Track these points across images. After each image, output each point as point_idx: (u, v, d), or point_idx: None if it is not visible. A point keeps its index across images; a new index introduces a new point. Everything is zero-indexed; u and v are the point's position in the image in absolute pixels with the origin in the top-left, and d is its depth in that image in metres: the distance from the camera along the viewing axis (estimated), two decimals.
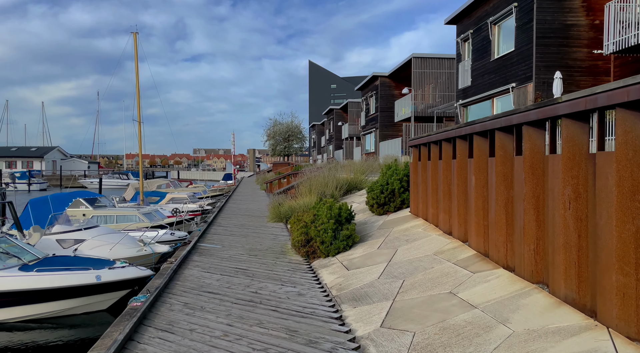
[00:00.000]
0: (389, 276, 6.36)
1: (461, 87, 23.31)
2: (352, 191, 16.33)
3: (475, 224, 6.26)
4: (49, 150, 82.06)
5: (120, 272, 9.49)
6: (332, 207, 8.77)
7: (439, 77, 32.04)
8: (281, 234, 12.02)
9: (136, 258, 11.36)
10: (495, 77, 19.91)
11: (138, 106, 21.35)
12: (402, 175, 10.60)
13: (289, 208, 14.61)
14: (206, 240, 11.13)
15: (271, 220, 14.77)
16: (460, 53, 23.60)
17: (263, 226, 13.80)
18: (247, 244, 10.56)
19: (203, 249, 9.99)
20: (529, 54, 17.36)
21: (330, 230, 8.48)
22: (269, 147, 60.49)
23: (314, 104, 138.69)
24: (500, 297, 4.61)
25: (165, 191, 31.28)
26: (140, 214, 16.75)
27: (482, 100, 21.12)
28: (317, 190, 14.81)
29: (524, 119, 4.83)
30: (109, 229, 12.67)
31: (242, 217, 16.43)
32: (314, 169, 18.72)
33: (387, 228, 9.20)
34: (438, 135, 7.98)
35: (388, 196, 10.46)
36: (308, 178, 16.52)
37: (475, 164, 6.27)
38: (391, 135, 37.15)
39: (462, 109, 23.37)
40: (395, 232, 8.69)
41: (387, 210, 10.56)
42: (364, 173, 17.19)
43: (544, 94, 17.08)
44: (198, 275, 7.52)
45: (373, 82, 39.37)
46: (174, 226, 15.94)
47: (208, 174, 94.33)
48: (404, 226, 8.88)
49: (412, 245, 7.48)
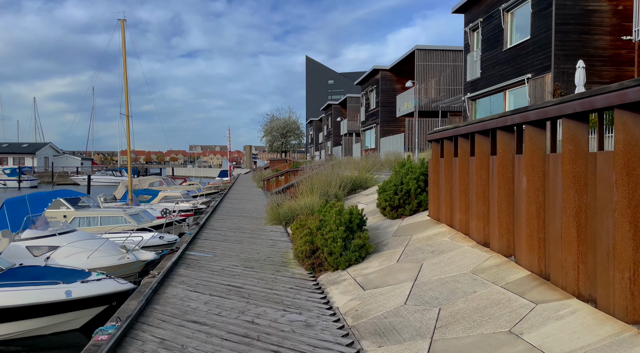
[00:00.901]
0: (418, 301, 5.09)
1: (469, 80, 22.04)
2: (356, 190, 15.06)
3: (527, 236, 4.99)
4: (41, 147, 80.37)
5: (94, 286, 8.19)
6: (341, 211, 7.48)
7: (443, 70, 30.76)
8: (281, 240, 10.73)
9: (117, 267, 10.06)
10: (508, 68, 18.65)
11: (126, 99, 19.96)
12: (418, 174, 9.33)
13: (289, 210, 13.33)
14: (196, 248, 9.82)
15: (269, 222, 13.48)
16: (469, 43, 22.32)
17: (260, 229, 12.50)
18: (242, 252, 9.26)
19: (192, 259, 8.69)
20: (546, 42, 16.09)
21: (340, 239, 7.20)
22: (265, 144, 59.12)
23: (311, 100, 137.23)
24: (590, 346, 3.34)
25: (157, 189, 29.93)
26: (126, 215, 15.42)
27: (493, 93, 19.85)
28: (320, 190, 13.53)
29: (618, 101, 3.55)
30: (88, 234, 11.35)
31: (238, 218, 15.12)
32: (314, 166, 17.42)
33: (404, 236, 7.93)
34: (469, 127, 6.70)
35: (403, 198, 9.19)
36: (309, 176, 15.23)
37: (528, 161, 4.99)
38: (392, 131, 35.88)
39: (471, 103, 22.12)
40: (415, 240, 7.42)
41: (402, 213, 9.29)
42: (369, 170, 15.91)
43: (564, 85, 15.84)
44: (183, 296, 6.22)
45: (373, 75, 38.05)
46: (164, 228, 14.62)
47: (204, 170, 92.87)
48: (425, 233, 7.60)
49: (440, 258, 6.21)
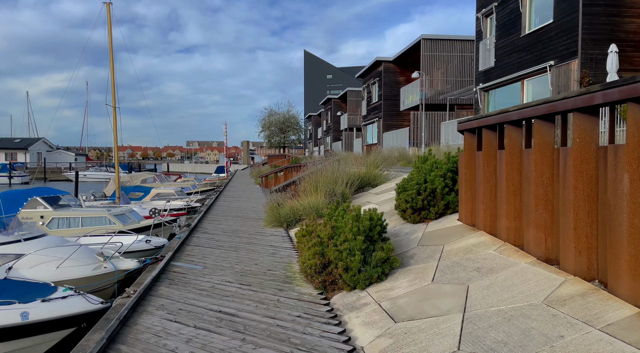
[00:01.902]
0: (478, 347, 3.68)
1: (482, 69, 20.60)
2: (364, 188, 13.65)
3: (632, 257, 3.59)
4: (34, 142, 78.66)
5: (58, 305, 6.77)
6: (359, 217, 6.07)
7: (450, 60, 29.30)
8: (282, 246, 9.31)
9: (91, 279, 8.63)
10: (527, 55, 17.22)
11: (112, 90, 18.47)
12: (445, 171, 7.92)
13: (291, 210, 11.92)
14: (184, 257, 8.40)
15: (269, 224, 12.06)
16: (482, 30, 20.87)
17: (259, 233, 11.09)
18: (238, 263, 7.84)
19: (177, 272, 7.27)
20: (572, 26, 14.67)
21: (359, 251, 5.79)
22: (264, 139, 57.61)
23: (310, 95, 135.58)
24: None
25: (150, 186, 28.47)
26: (111, 216, 13.98)
27: (509, 82, 18.44)
28: (325, 188, 12.11)
29: None
30: (60, 240, 9.91)
31: (234, 219, 13.70)
32: (317, 162, 16.00)
33: (433, 245, 6.53)
34: (524, 110, 5.28)
35: (427, 198, 7.78)
36: (312, 173, 13.81)
37: (633, 152, 3.59)
38: (396, 126, 34.44)
39: (483, 94, 20.70)
40: (450, 252, 6.02)
41: (426, 216, 7.88)
42: (377, 166, 14.49)
43: (592, 72, 14.43)
44: (159, 329, 4.80)
45: (376, 68, 36.55)
46: (151, 230, 13.19)
47: (200, 166, 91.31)
48: (461, 243, 6.20)
49: (491, 279, 4.81)
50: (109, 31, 18.06)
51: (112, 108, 18.42)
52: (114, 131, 18.87)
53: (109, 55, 18.15)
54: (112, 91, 18.34)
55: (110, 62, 18.22)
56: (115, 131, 18.82)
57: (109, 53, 18.16)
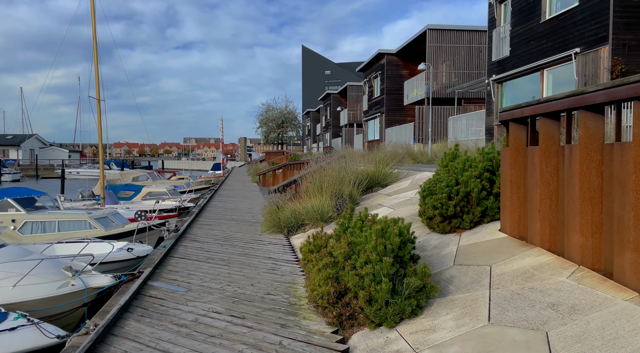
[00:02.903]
0: None
1: (495, 59, 19.20)
2: (373, 188, 12.27)
3: None
4: (26, 138, 77.01)
5: (3, 341, 5.36)
6: (386, 232, 4.68)
7: (457, 52, 27.88)
8: (283, 258, 7.91)
9: (55, 300, 7.22)
10: (547, 43, 15.83)
11: (97, 81, 16.93)
12: (480, 170, 6.53)
13: (292, 214, 10.53)
14: (165, 273, 7.00)
15: (267, 229, 10.67)
16: (495, 17, 19.45)
17: (256, 240, 9.69)
18: (230, 283, 6.44)
19: (154, 296, 5.88)
20: (602, 9, 13.27)
21: (386, 277, 4.40)
22: (261, 135, 56.15)
23: (308, 91, 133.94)
24: None
25: (141, 184, 27.01)
26: (91, 219, 12.55)
27: (526, 73, 17.05)
28: (331, 188, 10.72)
29: None
30: (22, 250, 8.47)
31: (228, 223, 12.30)
32: (320, 159, 14.59)
33: (475, 265, 5.14)
34: (616, 89, 3.88)
35: (460, 203, 6.39)
36: (314, 171, 12.40)
37: None
38: (399, 121, 33.04)
39: (497, 86, 19.30)
40: (503, 277, 4.63)
41: (458, 225, 6.50)
42: (387, 164, 13.09)
43: (624, 59, 13.06)
44: None
45: (378, 61, 35.09)
46: (134, 236, 11.76)
47: (197, 163, 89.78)
48: (514, 264, 4.81)
49: (581, 325, 3.42)
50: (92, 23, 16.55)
51: (97, 101, 16.99)
52: (99, 125, 17.39)
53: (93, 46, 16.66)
54: (96, 83, 16.86)
55: (94, 50, 16.69)
56: (99, 125, 17.35)
57: (93, 43, 16.64)
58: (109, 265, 9.75)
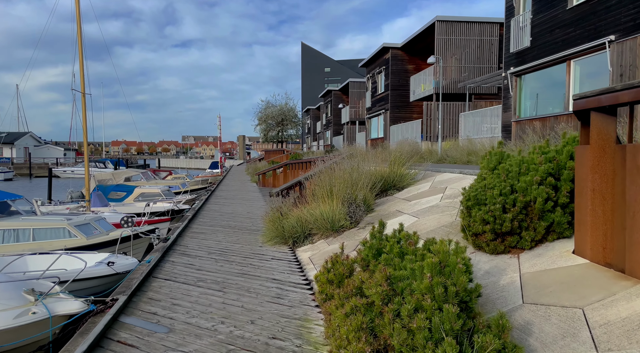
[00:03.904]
0: None
1: (514, 50, 17.80)
2: (387, 191, 10.90)
3: None
4: (20, 136, 75.46)
5: None
6: (445, 265, 3.28)
7: (467, 45, 26.47)
8: (290, 280, 6.52)
9: (12, 333, 5.82)
10: (575, 31, 14.44)
11: (81, 73, 15.48)
12: (543, 174, 5.14)
13: (298, 222, 9.15)
14: (143, 303, 5.60)
15: (269, 240, 9.27)
16: (514, 5, 18.04)
17: (257, 254, 8.30)
18: (224, 319, 5.05)
19: (124, 342, 4.48)
20: None
21: (451, 334, 3.01)
22: (260, 133, 54.70)
23: (307, 89, 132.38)
24: None
25: (134, 184, 25.59)
26: (71, 226, 11.13)
27: (550, 64, 15.65)
28: (343, 192, 9.33)
29: None
30: None
31: (225, 231, 10.91)
32: (327, 158, 13.18)
33: (559, 307, 3.75)
34: None
35: (518, 217, 5.00)
36: (321, 172, 10.99)
37: None
38: (404, 118, 31.66)
39: (515, 80, 17.91)
40: (611, 330, 3.24)
41: (514, 244, 5.11)
42: (403, 164, 11.69)
43: None
44: None
45: (382, 55, 33.66)
46: (117, 246, 10.36)
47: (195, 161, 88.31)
48: (622, 309, 3.42)
49: None
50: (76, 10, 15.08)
51: (82, 95, 15.52)
52: (83, 119, 15.87)
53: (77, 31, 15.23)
54: (80, 75, 15.41)
55: (78, 37, 15.22)
56: (84, 120, 15.82)
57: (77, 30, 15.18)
58: (85, 283, 8.38)
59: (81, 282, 8.15)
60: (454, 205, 7.87)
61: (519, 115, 17.78)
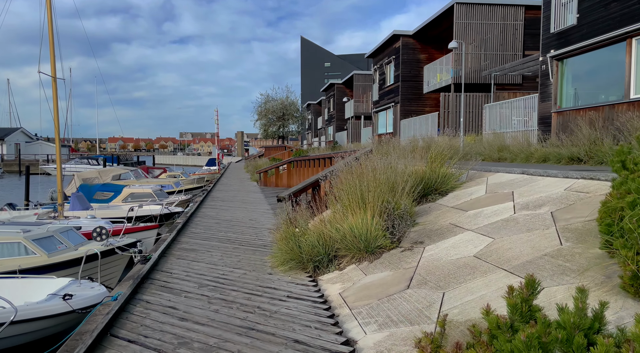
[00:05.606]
0: None
1: (555, 31, 15.45)
2: (428, 197, 8.59)
3: None
4: (11, 132, 72.96)
5: None
6: None
7: (489, 30, 24.11)
8: (319, 344, 4.20)
9: None
10: (637, 4, 12.15)
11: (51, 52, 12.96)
12: None
13: (320, 239, 6.82)
14: None
15: (281, 263, 6.94)
16: None
17: (266, 288, 5.98)
18: None
19: None
20: None
21: None
22: (260, 129, 52.29)
23: (307, 85, 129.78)
24: None
25: (123, 183, 23.23)
26: (27, 241, 8.79)
27: (603, 44, 13.32)
28: (378, 198, 7.01)
29: None
30: None
31: (222, 247, 8.58)
32: (346, 153, 10.79)
33: None
34: None
35: None
36: (344, 171, 8.61)
37: None
38: (416, 111, 29.26)
39: (556, 64, 15.58)
40: None
41: None
42: (443, 161, 9.36)
43: None
44: None
45: (392, 44, 31.27)
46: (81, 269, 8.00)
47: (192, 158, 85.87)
48: None
49: None
50: None
51: (52, 79, 13.07)
52: (55, 108, 13.37)
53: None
54: (50, 56, 12.91)
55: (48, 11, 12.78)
56: (55, 107, 13.33)
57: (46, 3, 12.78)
58: (29, 325, 6.06)
59: (22, 324, 5.85)
60: (542, 220, 5.59)
61: (561, 105, 15.44)
